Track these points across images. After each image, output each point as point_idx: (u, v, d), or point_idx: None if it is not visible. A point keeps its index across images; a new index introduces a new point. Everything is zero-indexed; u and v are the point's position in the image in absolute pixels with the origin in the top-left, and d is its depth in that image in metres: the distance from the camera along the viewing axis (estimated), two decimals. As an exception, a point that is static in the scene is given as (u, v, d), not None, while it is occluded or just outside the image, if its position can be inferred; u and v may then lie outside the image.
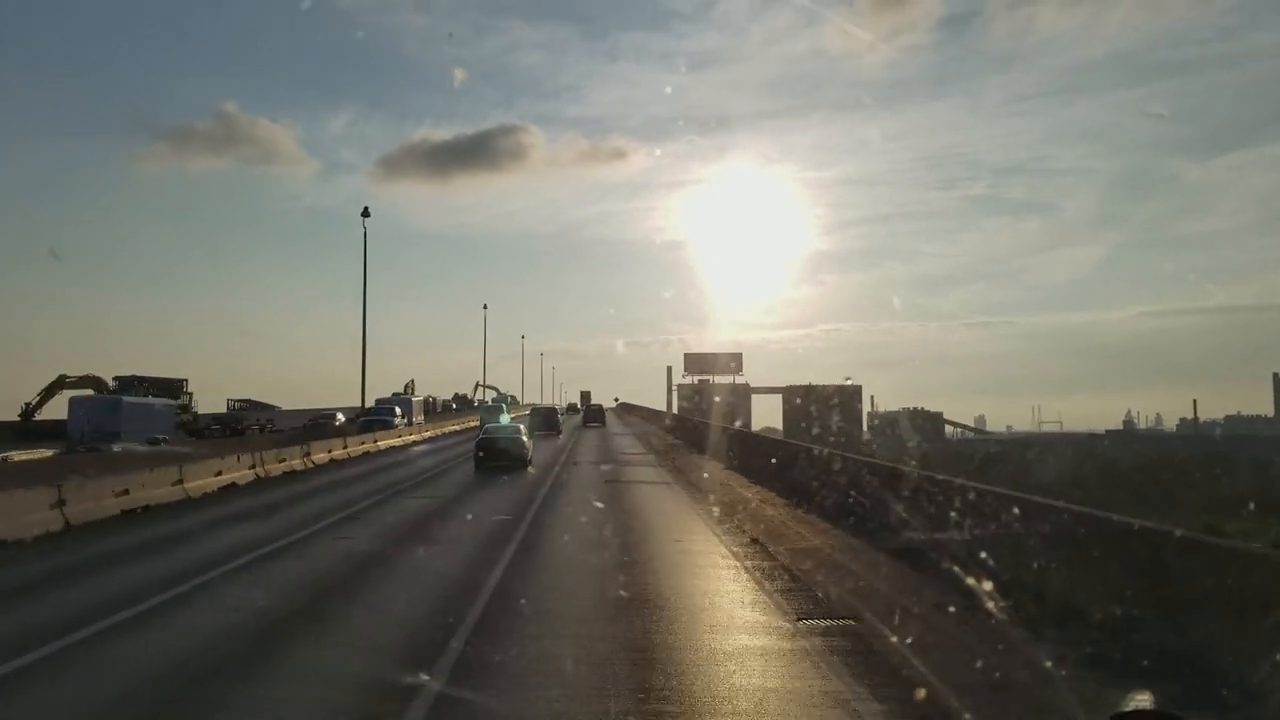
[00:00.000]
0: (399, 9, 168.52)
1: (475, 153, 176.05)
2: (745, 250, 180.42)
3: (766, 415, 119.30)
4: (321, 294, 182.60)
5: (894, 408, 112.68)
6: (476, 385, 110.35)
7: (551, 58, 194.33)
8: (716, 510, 18.75)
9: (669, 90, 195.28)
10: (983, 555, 10.10)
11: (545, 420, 54.27)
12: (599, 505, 19.93)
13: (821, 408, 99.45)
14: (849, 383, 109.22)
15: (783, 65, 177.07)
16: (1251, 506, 24.02)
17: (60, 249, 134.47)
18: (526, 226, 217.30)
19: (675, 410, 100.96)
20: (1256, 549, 7.73)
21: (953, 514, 11.28)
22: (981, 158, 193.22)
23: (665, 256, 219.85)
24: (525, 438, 31.64)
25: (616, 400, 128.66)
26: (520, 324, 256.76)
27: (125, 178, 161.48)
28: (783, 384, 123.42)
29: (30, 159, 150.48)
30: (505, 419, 50.18)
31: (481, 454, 29.87)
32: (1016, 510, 10.02)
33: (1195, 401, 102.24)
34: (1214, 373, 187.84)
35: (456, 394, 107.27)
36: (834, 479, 17.33)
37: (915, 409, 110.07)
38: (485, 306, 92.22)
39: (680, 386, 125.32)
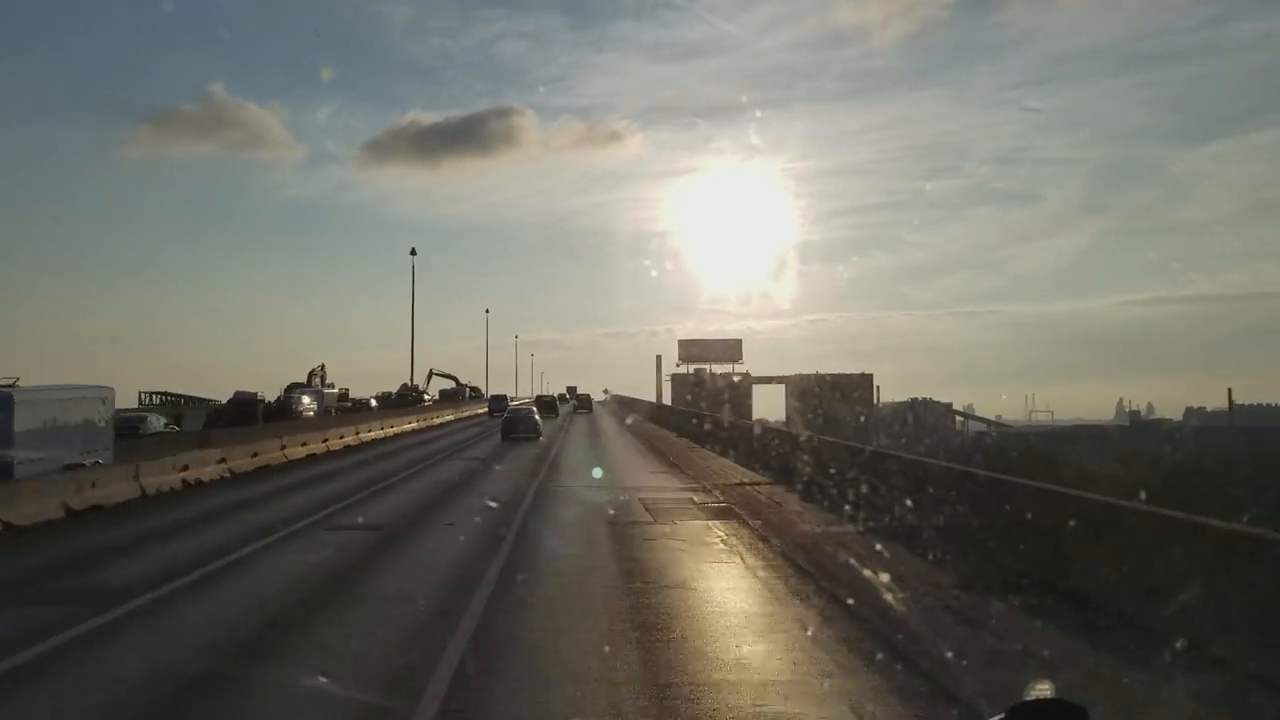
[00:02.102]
0: None
1: (459, 141, 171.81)
2: (731, 240, 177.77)
3: (765, 407, 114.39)
4: (308, 282, 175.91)
5: (900, 398, 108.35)
6: (430, 373, 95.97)
7: (538, 48, 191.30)
8: None
9: (655, 80, 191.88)
10: None
11: (547, 406, 68.72)
12: None
13: (828, 398, 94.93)
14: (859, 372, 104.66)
15: (769, 56, 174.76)
16: None
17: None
18: (512, 216, 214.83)
19: (666, 401, 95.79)
20: None
21: None
22: (967, 147, 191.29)
23: (651, 247, 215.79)
24: (537, 416, 44.49)
25: (606, 392, 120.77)
26: (504, 314, 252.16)
27: (106, 162, 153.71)
28: (776, 374, 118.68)
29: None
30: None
31: (505, 427, 41.36)
32: None
33: (1230, 391, 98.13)
34: (1199, 361, 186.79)
35: (405, 385, 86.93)
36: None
37: (923, 399, 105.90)
38: (413, 252, 64.94)
39: (675, 376, 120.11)
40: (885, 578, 10.56)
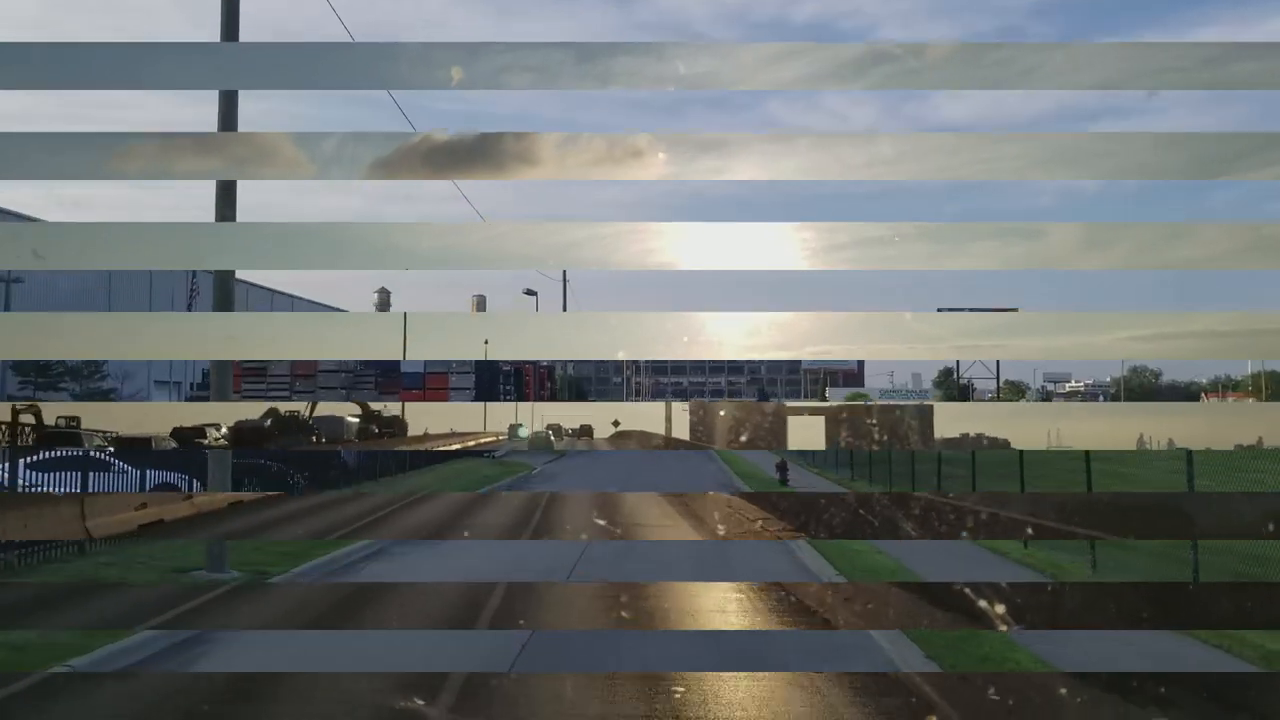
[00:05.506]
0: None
1: (460, 166, 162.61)
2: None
3: (800, 441, 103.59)
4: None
5: (951, 434, 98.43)
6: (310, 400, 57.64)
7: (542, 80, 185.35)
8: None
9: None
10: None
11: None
12: None
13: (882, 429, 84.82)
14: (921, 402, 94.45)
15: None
16: None
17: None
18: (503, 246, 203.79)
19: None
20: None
21: None
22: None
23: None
24: (553, 436, 61.98)
25: (616, 424, 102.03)
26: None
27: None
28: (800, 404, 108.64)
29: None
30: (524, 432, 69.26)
31: (529, 446, 54.31)
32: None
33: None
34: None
35: (271, 409, 49.17)
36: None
37: (978, 436, 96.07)
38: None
39: (692, 403, 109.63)
40: None
